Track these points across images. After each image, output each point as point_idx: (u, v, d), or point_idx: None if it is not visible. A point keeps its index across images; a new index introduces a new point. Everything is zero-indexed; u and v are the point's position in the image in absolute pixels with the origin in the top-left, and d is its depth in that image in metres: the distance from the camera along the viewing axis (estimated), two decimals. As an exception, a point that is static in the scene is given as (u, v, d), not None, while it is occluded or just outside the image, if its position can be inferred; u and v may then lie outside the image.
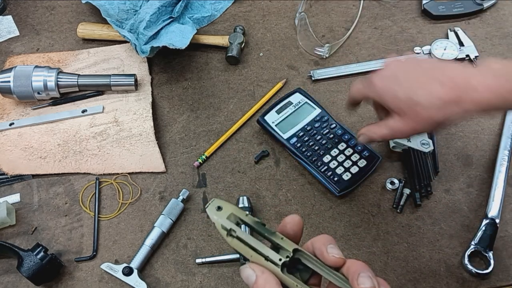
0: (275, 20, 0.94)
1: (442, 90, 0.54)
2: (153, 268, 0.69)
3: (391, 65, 0.61)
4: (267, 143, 0.79)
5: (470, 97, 0.52)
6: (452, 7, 0.91)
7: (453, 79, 0.54)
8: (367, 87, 0.62)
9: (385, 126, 0.61)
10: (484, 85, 0.51)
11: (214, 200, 0.44)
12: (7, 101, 0.85)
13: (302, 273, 0.43)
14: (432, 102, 0.54)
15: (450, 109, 0.54)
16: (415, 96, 0.55)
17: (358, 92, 0.64)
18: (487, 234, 0.67)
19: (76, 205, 0.75)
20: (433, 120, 0.56)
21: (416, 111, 0.56)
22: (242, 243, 0.42)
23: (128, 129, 0.80)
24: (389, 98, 0.58)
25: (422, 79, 0.56)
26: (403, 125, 0.58)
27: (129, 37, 0.83)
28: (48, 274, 0.66)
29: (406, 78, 0.57)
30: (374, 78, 0.60)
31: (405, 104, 0.56)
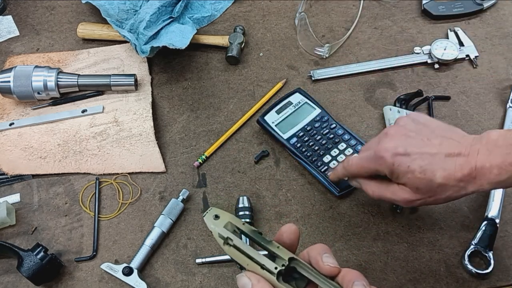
0: (275, 20, 0.94)
1: (460, 171, 0.51)
2: (153, 268, 0.69)
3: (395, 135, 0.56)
4: (267, 143, 0.79)
5: (486, 178, 0.51)
6: (452, 7, 0.91)
7: (466, 158, 0.51)
8: (375, 162, 0.57)
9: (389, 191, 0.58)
10: (497, 165, 0.50)
11: (211, 209, 0.45)
12: (7, 101, 0.85)
13: (298, 282, 0.44)
14: (451, 184, 0.52)
15: (465, 189, 0.52)
16: (434, 177, 0.52)
17: (362, 169, 0.59)
18: (487, 234, 0.67)
19: (76, 205, 0.75)
20: (449, 199, 0.54)
21: (435, 190, 0.53)
22: (238, 252, 0.43)
23: (128, 129, 0.80)
24: (403, 174, 0.54)
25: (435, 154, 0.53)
26: (413, 197, 0.55)
27: (129, 37, 0.83)
28: (48, 274, 0.66)
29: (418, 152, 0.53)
30: (383, 152, 0.55)
31: (423, 183, 0.53)
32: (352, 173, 0.62)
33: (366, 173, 0.60)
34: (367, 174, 0.60)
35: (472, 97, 0.82)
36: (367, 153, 0.58)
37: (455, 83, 0.84)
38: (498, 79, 0.83)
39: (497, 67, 0.85)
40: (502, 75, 0.84)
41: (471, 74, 0.85)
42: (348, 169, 0.62)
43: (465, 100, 0.82)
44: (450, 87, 0.83)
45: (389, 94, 0.83)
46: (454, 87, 0.83)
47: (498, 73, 0.84)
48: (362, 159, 0.59)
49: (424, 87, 0.83)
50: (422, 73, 0.85)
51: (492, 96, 0.82)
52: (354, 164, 0.61)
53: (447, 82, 0.84)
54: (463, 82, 0.84)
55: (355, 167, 0.61)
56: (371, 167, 0.58)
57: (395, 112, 0.78)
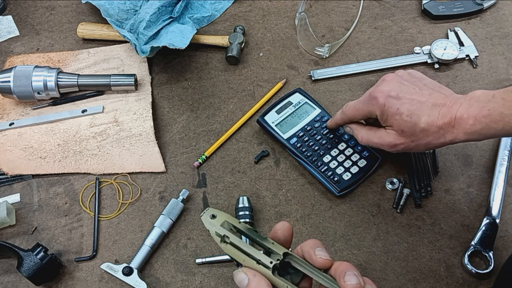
0: (275, 20, 0.94)
1: (441, 119, 0.57)
2: (153, 268, 0.69)
3: (391, 81, 0.63)
4: (267, 143, 0.79)
5: (462, 128, 0.56)
6: (452, 7, 0.91)
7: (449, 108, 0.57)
8: (368, 103, 0.64)
9: (376, 136, 0.65)
10: (473, 115, 0.55)
11: (208, 209, 0.47)
12: (7, 101, 0.85)
13: (293, 276, 0.45)
14: (433, 130, 0.58)
15: (444, 137, 0.58)
16: (419, 121, 0.58)
17: (357, 111, 0.66)
18: (487, 234, 0.67)
19: (76, 205, 0.75)
20: (430, 145, 0.60)
21: (417, 134, 0.59)
22: (235, 249, 0.44)
23: (128, 129, 0.80)
24: (391, 115, 0.61)
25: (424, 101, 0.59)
26: (397, 141, 0.62)
27: (129, 37, 0.83)
28: (48, 274, 0.66)
29: (408, 97, 0.60)
30: (377, 93, 0.62)
31: (408, 126, 0.59)
32: (349, 115, 0.68)
33: (361, 115, 0.66)
34: (362, 116, 0.66)
35: (472, 97, 0.82)
36: (363, 96, 0.65)
37: (455, 83, 0.84)
38: (498, 79, 0.83)
39: (497, 67, 0.85)
40: (502, 75, 0.84)
41: (471, 74, 0.85)
42: (345, 112, 0.69)
43: (465, 100, 0.82)
44: (450, 87, 0.83)
45: (389, 94, 0.83)
46: (454, 87, 0.83)
47: (498, 73, 0.84)
48: (358, 101, 0.66)
49: (424, 87, 0.83)
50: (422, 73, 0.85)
51: (492, 96, 0.82)
52: (350, 106, 0.68)
53: (447, 82, 0.84)
54: (463, 82, 0.84)
55: (351, 109, 0.67)
56: (365, 109, 0.64)
57: (395, 112, 0.78)
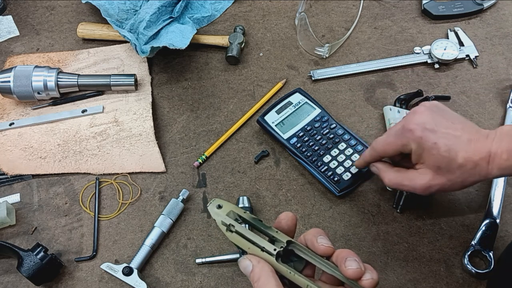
0: (275, 20, 0.94)
1: (478, 154, 0.54)
2: (153, 268, 0.69)
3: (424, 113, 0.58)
4: (267, 143, 0.79)
5: (496, 163, 0.54)
6: (452, 7, 0.91)
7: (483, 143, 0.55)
8: (402, 136, 0.59)
9: (407, 178, 0.60)
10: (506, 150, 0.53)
11: (214, 200, 0.48)
12: (7, 101, 0.85)
13: (296, 264, 0.47)
14: (469, 166, 0.55)
15: (479, 174, 0.55)
16: (457, 156, 0.55)
17: (389, 145, 0.61)
18: (487, 234, 0.67)
19: (76, 205, 0.75)
20: (466, 183, 0.56)
21: (454, 171, 0.56)
22: (240, 237, 0.46)
23: (128, 129, 0.80)
24: (428, 150, 0.56)
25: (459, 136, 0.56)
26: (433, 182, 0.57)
27: (129, 37, 0.83)
28: (48, 274, 0.66)
29: (444, 132, 0.56)
30: (412, 125, 0.58)
31: (445, 161, 0.56)
32: (379, 151, 0.63)
33: (392, 149, 0.61)
34: (393, 151, 0.61)
35: (472, 97, 0.82)
36: (394, 129, 0.61)
37: (455, 83, 0.84)
38: (498, 79, 0.83)
39: (497, 67, 0.85)
40: (502, 75, 0.84)
41: (471, 74, 0.85)
42: (375, 148, 0.64)
43: (465, 100, 0.82)
44: (450, 87, 0.83)
45: (389, 94, 0.83)
46: (454, 87, 0.83)
47: (498, 73, 0.84)
48: (390, 135, 0.62)
49: (424, 87, 0.83)
50: (422, 73, 0.85)
51: (492, 96, 0.82)
52: (381, 140, 0.63)
53: (447, 82, 0.84)
54: (463, 82, 0.84)
55: (382, 144, 0.62)
56: (398, 142, 0.60)
57: (395, 112, 0.78)
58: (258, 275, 0.44)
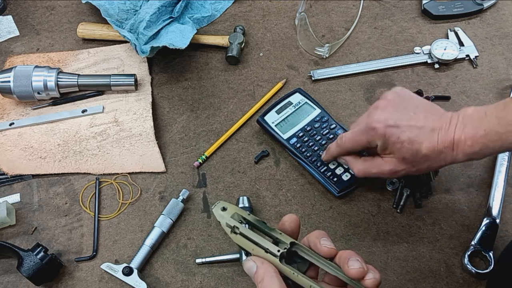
0: (275, 20, 0.94)
1: (441, 143, 0.56)
2: (153, 268, 0.69)
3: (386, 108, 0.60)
4: (267, 143, 0.79)
5: (461, 150, 0.55)
6: (452, 7, 0.91)
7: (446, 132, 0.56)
8: (367, 134, 0.61)
9: (373, 166, 0.63)
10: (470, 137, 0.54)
11: (219, 202, 0.49)
12: (7, 101, 0.85)
13: (300, 265, 0.48)
14: (434, 155, 0.57)
15: (445, 160, 0.57)
16: (421, 148, 0.57)
17: (356, 143, 0.64)
18: (487, 234, 0.67)
19: (76, 205, 0.75)
20: (430, 168, 0.59)
21: (418, 160, 0.58)
22: (244, 238, 0.47)
23: (128, 129, 0.80)
24: (392, 144, 0.59)
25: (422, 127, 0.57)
26: (398, 168, 0.61)
27: (129, 37, 0.83)
28: (48, 274, 0.66)
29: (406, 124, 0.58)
30: (374, 124, 0.60)
31: (409, 153, 0.58)
32: (346, 148, 0.66)
33: (359, 146, 0.64)
34: (360, 147, 0.64)
35: (472, 97, 0.82)
36: (359, 127, 0.63)
37: (455, 83, 0.84)
38: (498, 79, 0.83)
39: (497, 67, 0.85)
40: (502, 75, 0.84)
41: (471, 74, 0.85)
42: (342, 145, 0.66)
43: (465, 100, 0.82)
44: (450, 87, 0.83)
45: (389, 94, 0.83)
46: (454, 87, 0.83)
47: (498, 73, 0.84)
48: (354, 133, 0.64)
49: (424, 87, 0.83)
50: (422, 73, 0.85)
51: (492, 96, 0.82)
52: (347, 139, 0.65)
53: (447, 82, 0.84)
54: (463, 82, 0.84)
55: (348, 142, 0.65)
56: (363, 139, 0.62)
57: (395, 112, 0.78)
58: (262, 276, 0.44)
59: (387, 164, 0.61)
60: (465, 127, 0.55)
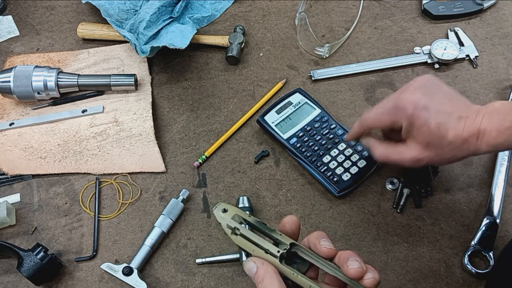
0: (275, 20, 0.94)
1: (467, 131, 0.55)
2: (153, 268, 0.69)
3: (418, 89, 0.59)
4: (267, 143, 0.79)
5: (485, 140, 0.55)
6: (452, 7, 0.91)
7: (473, 121, 0.55)
8: (394, 113, 0.59)
9: (396, 152, 0.61)
10: (496, 128, 0.54)
11: (220, 204, 0.50)
12: (7, 101, 0.85)
13: (300, 266, 0.48)
14: (458, 143, 0.56)
15: (468, 150, 0.56)
16: (447, 134, 0.56)
17: (379, 121, 0.62)
18: (487, 234, 0.67)
19: (76, 205, 0.75)
20: (454, 158, 0.58)
21: (443, 148, 0.57)
22: (245, 240, 0.47)
23: (128, 129, 0.80)
24: (418, 127, 0.57)
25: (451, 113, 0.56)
26: (421, 155, 0.58)
27: (129, 37, 0.83)
28: (48, 274, 0.66)
29: (436, 109, 0.57)
30: (404, 102, 0.58)
31: (435, 139, 0.57)
32: (369, 125, 0.64)
33: (382, 125, 0.62)
34: (383, 126, 0.62)
35: (472, 97, 0.82)
36: (386, 105, 0.61)
37: (455, 83, 0.84)
38: (498, 79, 0.83)
39: (497, 67, 0.85)
40: (502, 75, 0.84)
41: (471, 74, 0.85)
42: (364, 122, 0.64)
43: (465, 100, 0.81)
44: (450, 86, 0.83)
45: (389, 94, 0.83)
46: (454, 87, 0.82)
47: (498, 73, 0.84)
48: (380, 111, 0.61)
49: (424, 87, 0.83)
50: (422, 73, 0.85)
51: (492, 96, 0.82)
52: (371, 115, 0.63)
53: (447, 82, 0.84)
54: (463, 82, 0.84)
55: (372, 118, 0.62)
56: (388, 119, 0.60)
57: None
58: (262, 276, 0.44)
59: (410, 151, 0.59)
60: (492, 119, 0.55)
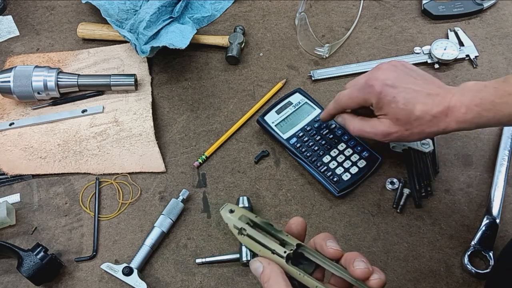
0: (275, 20, 0.94)
1: (435, 107, 0.57)
2: (153, 268, 0.69)
3: (387, 69, 0.62)
4: (267, 143, 0.79)
5: (454, 116, 0.56)
6: (452, 7, 0.91)
7: (443, 97, 0.58)
8: (364, 91, 0.63)
9: (369, 125, 0.64)
10: (465, 104, 0.56)
11: (227, 204, 0.51)
12: (7, 101, 0.85)
13: (306, 267, 0.48)
14: (427, 118, 0.58)
15: (437, 125, 0.58)
16: (414, 109, 0.58)
17: (351, 99, 0.65)
18: (487, 234, 0.67)
19: (76, 205, 0.75)
20: (423, 134, 0.60)
21: (412, 123, 0.59)
22: (251, 240, 0.48)
23: (128, 129, 0.80)
24: (387, 103, 0.61)
25: (419, 91, 0.59)
26: (391, 129, 0.62)
27: (129, 37, 0.83)
28: (48, 274, 0.66)
29: (404, 86, 0.60)
30: (373, 81, 0.62)
31: (403, 114, 0.59)
32: (342, 104, 0.67)
33: (355, 103, 0.65)
34: (356, 104, 0.65)
35: (472, 97, 0.82)
36: (357, 84, 0.64)
37: (455, 83, 0.84)
38: (498, 79, 0.83)
39: (497, 67, 0.85)
40: (502, 75, 0.84)
41: (471, 74, 0.85)
42: (338, 102, 0.68)
43: (465, 100, 0.81)
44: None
45: (389, 94, 0.83)
46: (454, 87, 0.83)
47: (498, 73, 0.84)
48: (352, 90, 0.65)
49: (424, 87, 0.83)
50: (422, 73, 0.85)
51: (492, 96, 0.82)
52: (344, 95, 0.66)
53: (447, 82, 0.83)
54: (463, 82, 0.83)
55: (345, 98, 0.66)
56: (360, 97, 0.64)
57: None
58: (268, 276, 0.45)
59: (382, 125, 0.62)
60: (462, 96, 0.56)
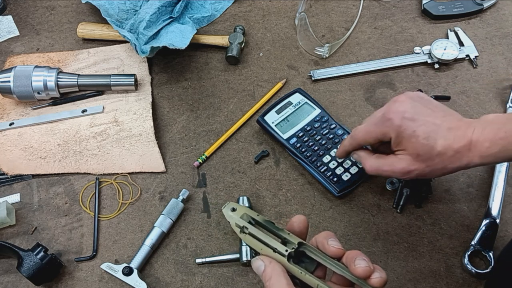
0: (275, 20, 0.94)
1: (458, 142, 0.54)
2: (153, 268, 0.69)
3: (404, 102, 0.58)
4: (267, 143, 0.79)
5: (478, 151, 0.54)
6: (452, 7, 0.91)
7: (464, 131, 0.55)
8: (382, 125, 0.59)
9: (386, 164, 0.60)
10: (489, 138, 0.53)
11: (229, 203, 0.51)
12: (7, 101, 0.85)
13: (308, 265, 0.48)
14: (449, 153, 0.55)
15: (460, 161, 0.55)
16: (436, 144, 0.55)
17: (369, 134, 0.62)
18: (487, 234, 0.67)
19: (76, 205, 0.75)
20: (446, 170, 0.57)
21: (433, 158, 0.56)
22: (253, 238, 0.48)
23: (128, 129, 0.80)
24: (407, 138, 0.57)
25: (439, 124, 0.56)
26: (411, 167, 0.58)
27: (129, 37, 0.83)
28: (48, 274, 0.66)
29: (424, 119, 0.56)
30: (391, 114, 0.58)
31: (424, 149, 0.56)
32: (359, 140, 0.64)
33: (372, 138, 0.62)
34: (373, 139, 0.62)
35: (472, 97, 0.82)
36: (375, 118, 0.61)
37: (455, 83, 0.84)
38: (498, 79, 0.83)
39: (497, 67, 0.85)
40: (502, 75, 0.84)
41: (471, 74, 0.85)
42: (355, 137, 0.64)
43: (465, 100, 0.82)
44: (450, 87, 0.83)
45: (389, 94, 0.83)
46: (454, 87, 0.83)
47: (498, 73, 0.84)
48: (369, 124, 0.62)
49: (424, 87, 0.83)
50: (422, 73, 0.85)
51: (492, 96, 0.82)
52: (360, 130, 0.63)
53: (447, 82, 0.84)
54: (463, 82, 0.84)
55: (362, 133, 0.63)
56: (377, 131, 0.60)
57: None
58: (270, 275, 0.45)
59: (401, 162, 0.58)
60: (484, 130, 0.53)
